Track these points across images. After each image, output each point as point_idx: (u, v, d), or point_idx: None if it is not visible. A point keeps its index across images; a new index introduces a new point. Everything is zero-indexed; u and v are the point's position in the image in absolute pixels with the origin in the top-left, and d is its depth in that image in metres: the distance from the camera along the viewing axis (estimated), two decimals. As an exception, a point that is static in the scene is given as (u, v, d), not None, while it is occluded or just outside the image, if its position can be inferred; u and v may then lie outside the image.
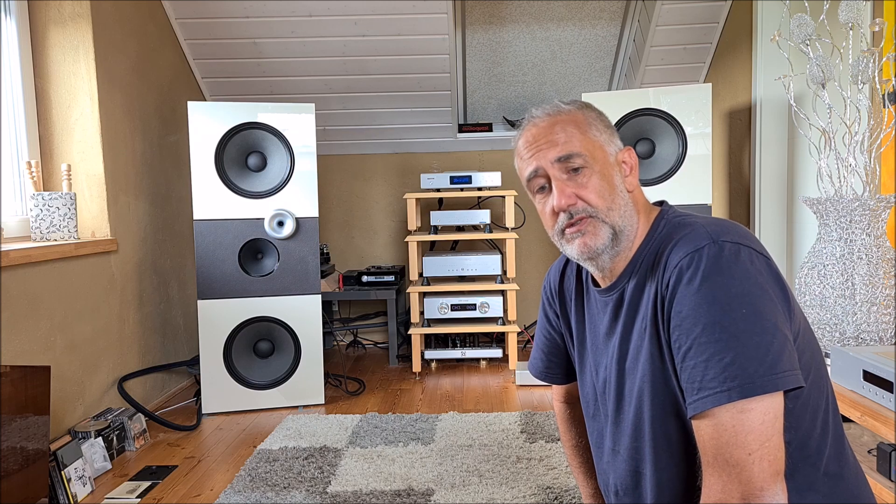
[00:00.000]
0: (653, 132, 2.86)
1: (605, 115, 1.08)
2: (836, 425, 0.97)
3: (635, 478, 1.03)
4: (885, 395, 1.63)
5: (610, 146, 1.04)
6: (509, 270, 3.36)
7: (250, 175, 2.79)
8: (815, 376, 0.94)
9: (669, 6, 3.26)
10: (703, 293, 0.87)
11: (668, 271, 0.93)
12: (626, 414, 1.03)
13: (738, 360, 0.83)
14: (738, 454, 0.83)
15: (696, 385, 0.86)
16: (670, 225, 1.01)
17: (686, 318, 0.88)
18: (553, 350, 1.26)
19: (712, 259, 0.88)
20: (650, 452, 0.99)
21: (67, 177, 2.44)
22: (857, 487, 0.97)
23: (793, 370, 0.85)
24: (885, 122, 2.11)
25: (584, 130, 1.02)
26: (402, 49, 3.37)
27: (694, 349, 0.87)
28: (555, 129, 1.01)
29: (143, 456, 2.38)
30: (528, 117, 1.06)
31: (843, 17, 2.02)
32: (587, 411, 1.17)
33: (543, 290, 1.26)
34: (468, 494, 1.96)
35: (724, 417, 0.84)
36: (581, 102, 1.07)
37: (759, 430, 0.83)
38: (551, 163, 1.01)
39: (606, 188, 1.00)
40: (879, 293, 1.99)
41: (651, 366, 0.96)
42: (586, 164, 1.00)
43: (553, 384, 1.31)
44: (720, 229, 0.92)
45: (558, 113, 1.03)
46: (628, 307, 1.02)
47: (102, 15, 2.61)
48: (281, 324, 2.83)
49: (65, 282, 2.34)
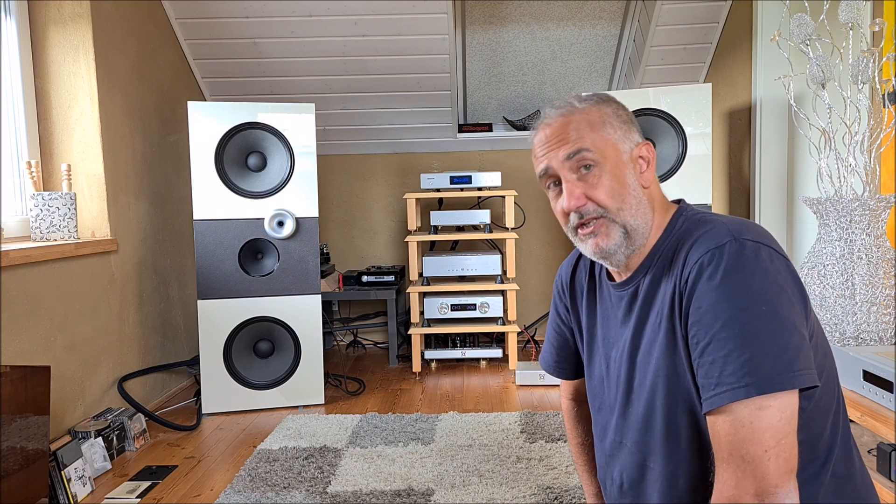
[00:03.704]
0: (653, 132, 2.86)
1: (623, 109, 1.06)
2: (844, 427, 0.98)
3: (641, 471, 1.03)
4: (885, 395, 1.63)
5: (625, 143, 1.02)
6: (509, 270, 3.36)
7: (250, 175, 2.79)
8: (827, 377, 0.95)
9: (669, 6, 3.26)
10: (724, 289, 0.87)
11: (687, 266, 0.93)
12: (635, 407, 1.03)
13: (756, 356, 0.84)
14: (754, 450, 0.83)
15: (714, 380, 0.86)
16: (689, 222, 1.01)
17: (705, 314, 0.88)
18: (564, 344, 1.27)
19: (733, 256, 0.88)
20: (660, 446, 0.99)
21: (67, 177, 2.44)
22: (863, 489, 0.97)
23: (809, 369, 0.85)
24: (885, 122, 2.11)
25: (597, 129, 1.01)
26: (402, 49, 3.37)
27: (713, 345, 0.87)
28: (567, 128, 1.01)
29: (143, 456, 2.38)
30: (543, 116, 1.05)
31: (843, 17, 2.02)
32: (594, 404, 1.17)
33: (555, 285, 1.26)
34: (468, 494, 1.96)
35: (741, 413, 0.84)
36: (599, 97, 1.05)
37: (775, 426, 0.83)
38: (561, 161, 1.00)
39: (617, 187, 0.99)
40: (879, 293, 1.99)
41: (665, 360, 0.96)
42: (596, 163, 0.99)
43: (563, 379, 1.32)
44: (741, 227, 0.92)
45: (572, 112, 1.02)
46: (643, 302, 1.02)
47: (102, 15, 2.61)
48: (281, 324, 2.83)
49: (65, 282, 2.34)
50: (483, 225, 3.39)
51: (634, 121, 1.06)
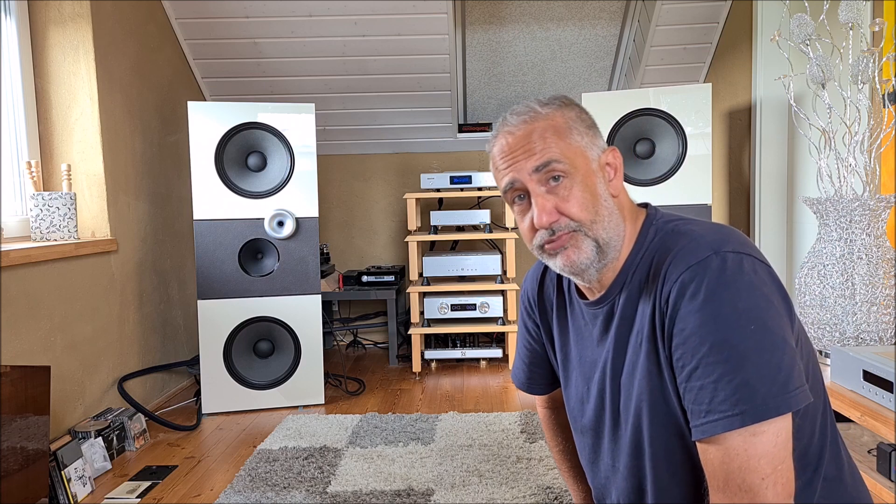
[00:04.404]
0: (653, 132, 2.86)
1: (586, 113, 1.00)
2: (832, 428, 0.96)
3: (639, 494, 1.00)
4: (885, 395, 1.63)
5: (592, 150, 0.96)
6: (509, 270, 3.36)
7: (250, 175, 2.79)
8: (812, 381, 0.92)
9: (669, 6, 3.26)
10: (709, 310, 0.82)
11: (667, 285, 0.87)
12: (623, 431, 0.99)
13: (749, 381, 0.79)
14: (750, 479, 0.79)
15: (704, 408, 0.82)
16: (662, 232, 0.95)
17: (691, 336, 0.83)
18: (535, 360, 1.21)
19: (716, 272, 0.83)
20: (651, 470, 0.95)
21: (67, 177, 2.44)
22: (855, 489, 0.96)
23: (803, 386, 0.82)
24: (885, 122, 2.11)
25: (564, 136, 0.94)
26: (402, 49, 3.37)
27: (700, 369, 0.82)
28: (532, 137, 0.94)
29: (143, 456, 2.38)
30: (503, 123, 0.98)
31: (843, 17, 2.02)
32: (575, 426, 1.12)
33: (521, 300, 1.20)
34: (468, 494, 1.96)
35: (734, 442, 0.80)
36: (560, 101, 0.99)
37: (771, 453, 0.79)
38: (529, 174, 0.93)
39: (589, 199, 0.93)
40: (879, 293, 1.99)
41: (649, 383, 0.91)
42: (566, 174, 0.93)
43: (536, 394, 1.26)
44: (720, 238, 0.87)
45: (535, 119, 0.95)
46: (620, 321, 0.97)
47: (102, 15, 2.61)
48: (281, 324, 2.83)
49: (65, 282, 2.34)
50: (483, 225, 3.39)
51: (597, 126, 1.00)
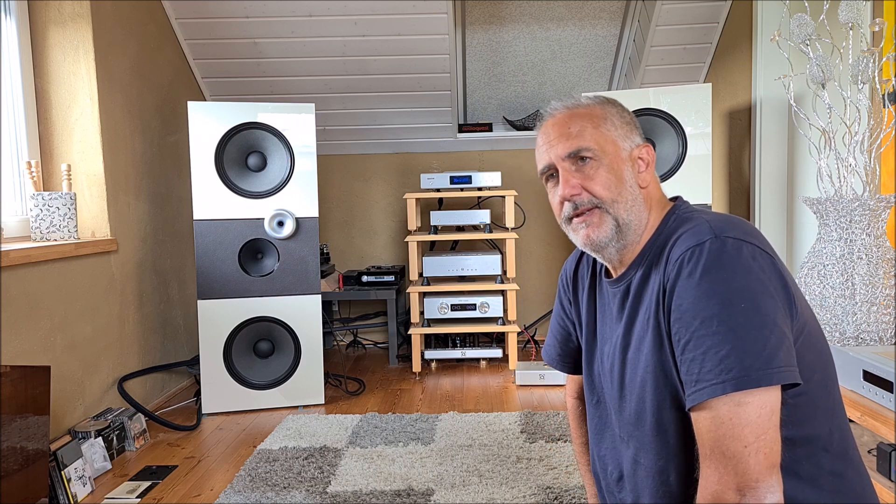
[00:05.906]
0: (653, 132, 2.86)
1: (627, 112, 1.09)
2: (843, 425, 0.98)
3: (633, 465, 1.05)
4: (885, 395, 1.63)
5: (625, 141, 1.05)
6: (509, 270, 3.36)
7: (250, 175, 2.79)
8: (822, 376, 0.95)
9: (669, 6, 3.26)
10: (703, 287, 0.88)
11: (670, 264, 0.94)
12: (627, 403, 1.05)
13: (734, 352, 0.84)
14: (734, 446, 0.84)
15: (694, 377, 0.88)
16: (678, 219, 1.03)
17: (686, 312, 0.90)
18: (566, 338, 1.28)
19: (713, 254, 0.89)
20: (651, 441, 1.00)
21: (67, 177, 2.44)
22: (860, 487, 0.97)
23: (789, 367, 0.86)
24: (885, 122, 2.11)
25: (598, 125, 1.04)
26: (402, 49, 3.37)
27: (693, 342, 0.88)
28: (569, 122, 1.04)
29: (143, 456, 2.38)
30: (549, 109, 1.09)
31: (843, 17, 2.02)
32: (591, 398, 1.18)
33: (560, 279, 1.28)
34: (468, 494, 1.97)
35: (721, 410, 0.85)
36: (604, 98, 1.09)
37: (755, 423, 0.84)
38: (561, 158, 1.03)
39: (613, 181, 1.02)
40: (879, 293, 1.99)
41: (653, 357, 0.97)
42: (594, 156, 1.02)
43: (565, 372, 1.33)
44: (724, 225, 0.93)
45: (576, 107, 1.06)
46: (633, 298, 1.03)
47: (102, 15, 2.61)
48: (281, 324, 2.83)
49: (65, 282, 2.34)
50: (483, 225, 3.39)
51: (637, 125, 1.09)
